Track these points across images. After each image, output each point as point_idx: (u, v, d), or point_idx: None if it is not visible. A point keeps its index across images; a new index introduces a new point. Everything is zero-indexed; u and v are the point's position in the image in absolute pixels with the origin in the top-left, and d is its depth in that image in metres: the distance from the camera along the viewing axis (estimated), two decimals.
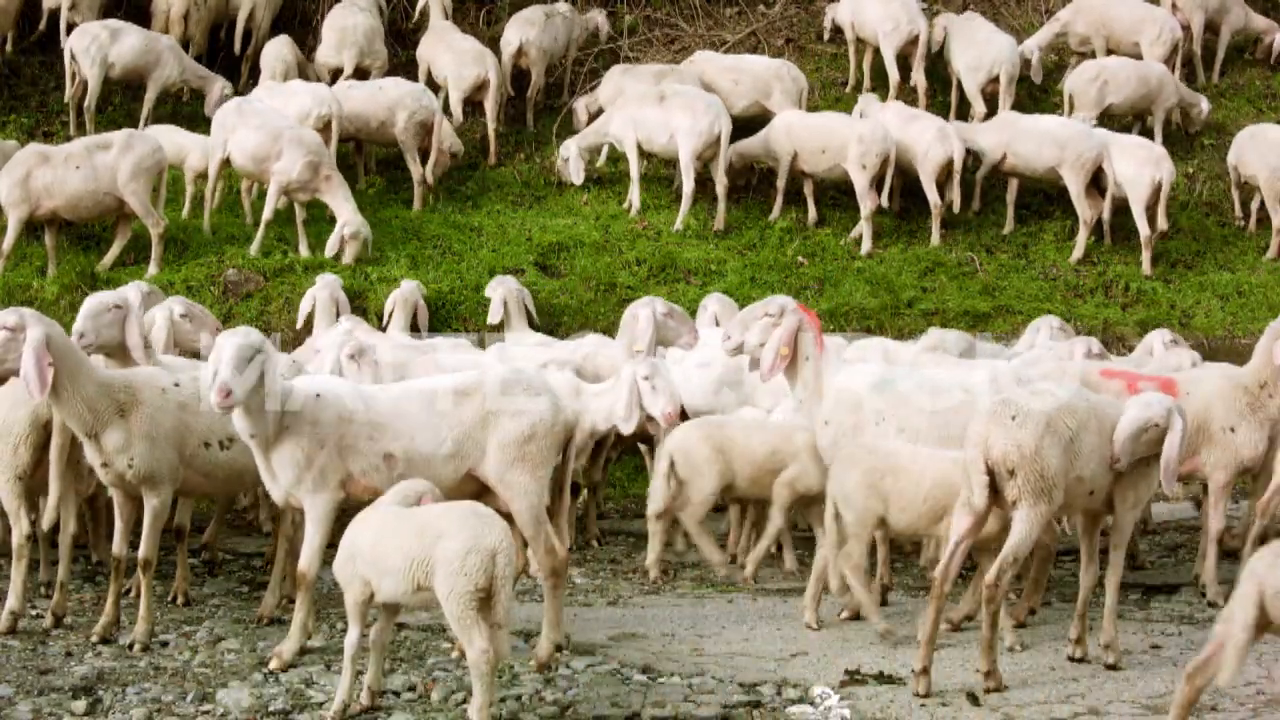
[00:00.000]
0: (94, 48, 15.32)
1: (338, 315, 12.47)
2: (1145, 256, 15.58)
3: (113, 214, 13.52)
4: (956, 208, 15.68)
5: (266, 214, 13.88)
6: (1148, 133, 17.03)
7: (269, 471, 7.24)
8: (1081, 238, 15.65)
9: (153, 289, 11.45)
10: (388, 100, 15.45)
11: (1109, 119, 16.82)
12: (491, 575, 6.08)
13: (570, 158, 15.55)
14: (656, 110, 15.26)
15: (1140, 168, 15.36)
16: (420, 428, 7.30)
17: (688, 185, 15.22)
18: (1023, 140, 15.67)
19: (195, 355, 10.11)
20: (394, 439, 7.25)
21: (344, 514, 7.15)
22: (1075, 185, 15.40)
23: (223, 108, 14.29)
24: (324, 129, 14.49)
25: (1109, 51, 17.84)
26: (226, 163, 14.07)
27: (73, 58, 15.42)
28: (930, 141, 15.36)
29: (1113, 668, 7.46)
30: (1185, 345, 11.51)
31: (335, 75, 16.65)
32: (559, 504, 7.63)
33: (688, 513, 9.31)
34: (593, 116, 16.59)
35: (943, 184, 15.54)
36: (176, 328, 10.37)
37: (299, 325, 12.66)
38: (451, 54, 16.83)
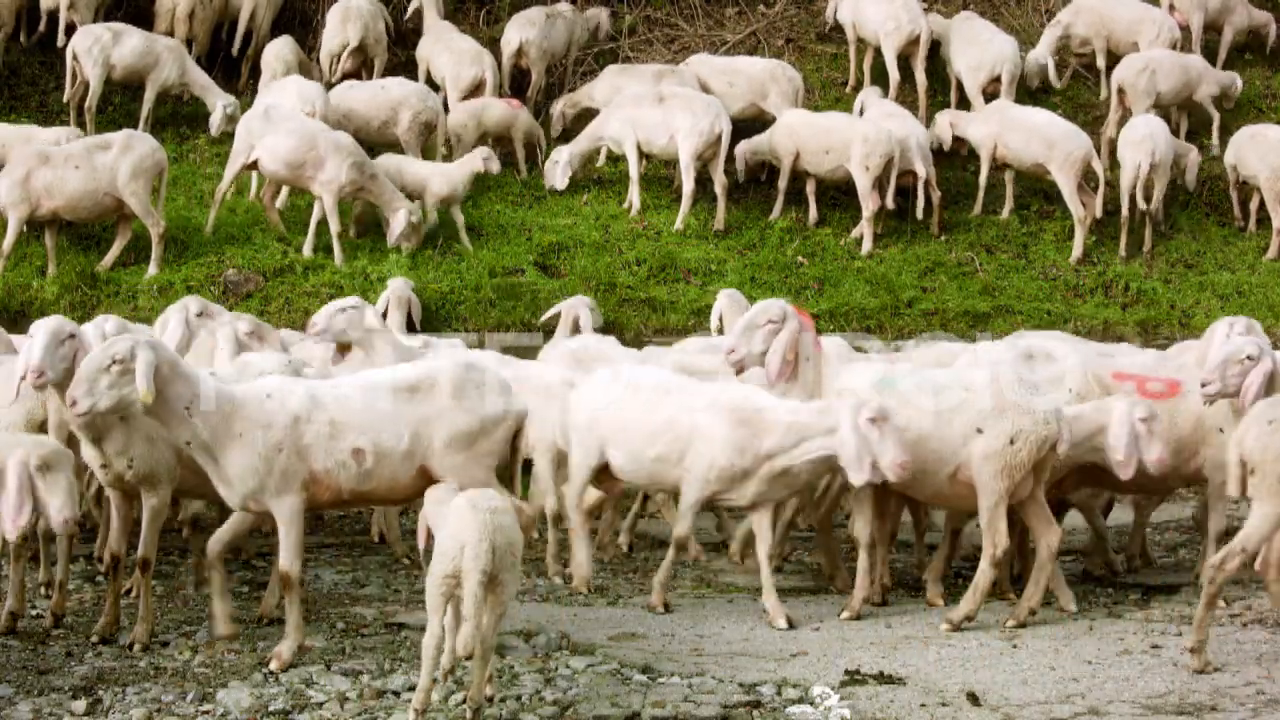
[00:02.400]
0: (97, 49, 15.35)
1: (409, 316, 12.76)
2: (1122, 235, 15.79)
3: (112, 214, 13.53)
4: (919, 212, 15.76)
5: (335, 228, 13.88)
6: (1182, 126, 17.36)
7: (219, 477, 7.20)
8: (1079, 237, 15.67)
9: (204, 305, 10.67)
10: (390, 100, 15.52)
11: (1155, 109, 16.86)
12: (458, 566, 6.22)
13: (560, 162, 15.53)
14: (656, 111, 15.28)
15: (1123, 148, 15.72)
16: (384, 422, 7.28)
17: (688, 185, 15.23)
18: (1012, 131, 15.80)
19: None
20: (360, 434, 7.22)
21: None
22: (1066, 185, 15.48)
23: (248, 114, 14.24)
24: None
25: (1108, 52, 17.89)
26: (251, 167, 14.04)
27: (75, 58, 15.44)
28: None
29: None
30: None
31: (339, 66, 16.80)
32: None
33: None
34: (571, 119, 16.69)
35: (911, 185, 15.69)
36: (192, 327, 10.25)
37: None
38: (450, 54, 16.87)
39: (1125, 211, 15.73)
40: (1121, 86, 17.02)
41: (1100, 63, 17.81)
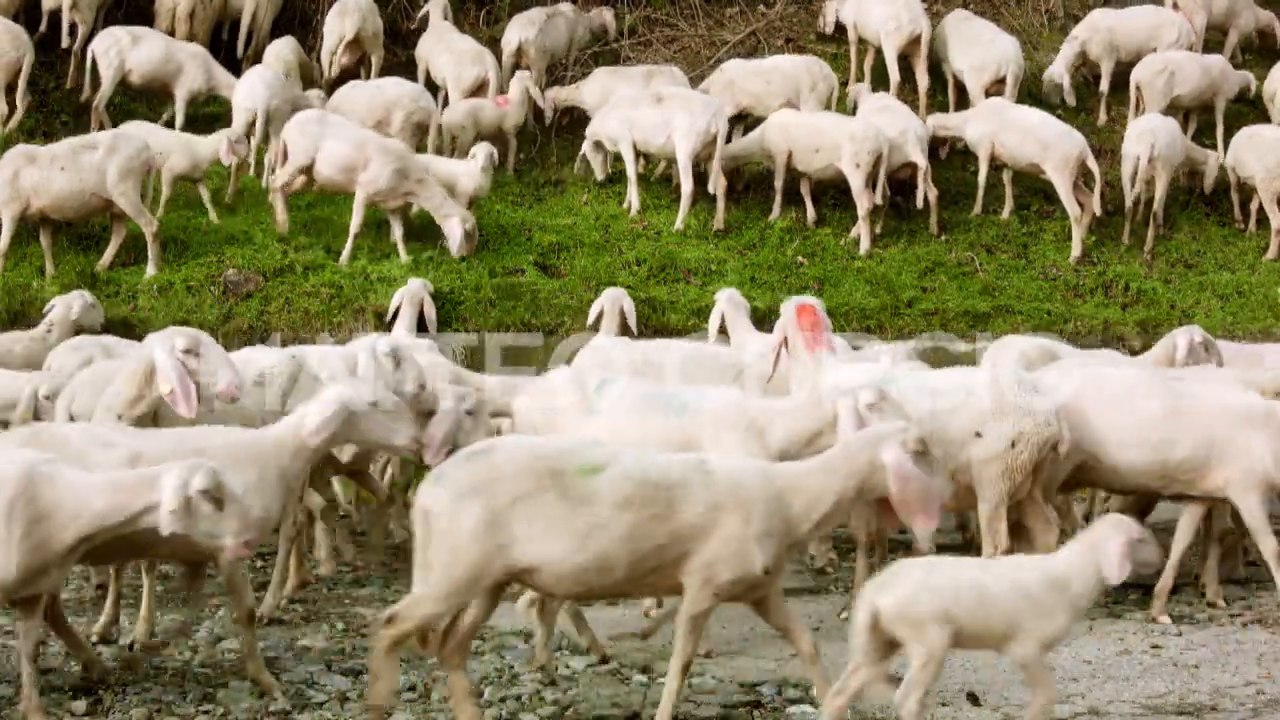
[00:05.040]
0: (114, 51, 15.44)
1: (421, 316, 12.69)
2: (1125, 226, 16.06)
3: (100, 214, 13.53)
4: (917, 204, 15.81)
5: (354, 227, 13.89)
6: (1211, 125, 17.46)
7: None
8: (1076, 236, 15.70)
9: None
10: (385, 100, 15.56)
11: (1172, 110, 16.96)
12: None
13: (589, 157, 15.64)
14: (654, 111, 15.28)
15: (1126, 142, 16.01)
16: None
17: (686, 185, 15.22)
18: (1008, 131, 15.86)
19: None
20: None
21: None
22: (1061, 184, 15.53)
23: (303, 118, 14.17)
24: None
25: (1122, 61, 18.02)
26: (306, 172, 13.97)
27: (94, 60, 15.56)
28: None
29: None
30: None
31: (338, 61, 16.86)
32: None
33: None
34: (559, 112, 16.76)
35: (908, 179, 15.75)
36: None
37: (388, 319, 12.74)
38: (450, 54, 16.91)
39: (1129, 204, 15.93)
40: (1139, 85, 17.12)
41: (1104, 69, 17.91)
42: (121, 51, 15.46)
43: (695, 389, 8.51)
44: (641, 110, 15.35)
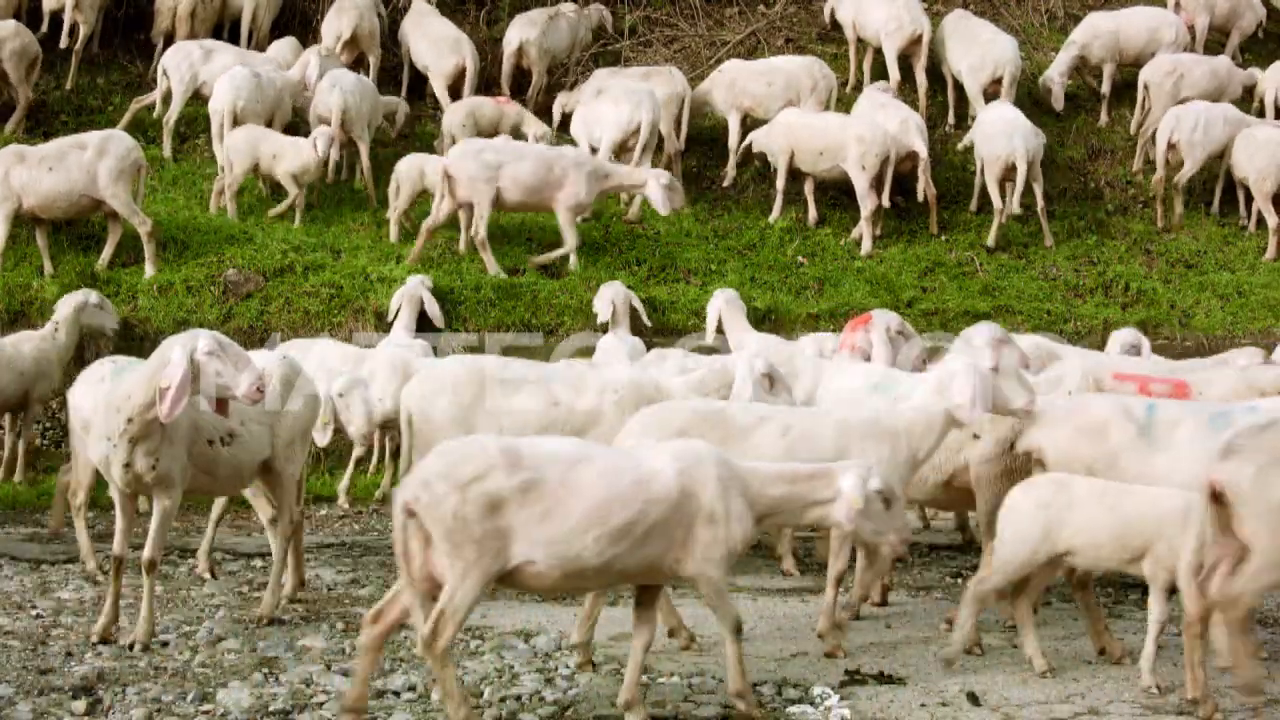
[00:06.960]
0: (185, 65, 15.51)
1: (420, 314, 12.79)
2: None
3: (91, 213, 13.53)
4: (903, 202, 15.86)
5: (570, 244, 14.06)
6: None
7: None
8: (994, 224, 15.80)
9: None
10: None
11: None
12: None
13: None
14: (594, 105, 15.59)
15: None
16: None
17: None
18: (977, 128, 16.05)
19: None
20: None
21: None
22: (989, 178, 15.64)
23: (474, 148, 14.16)
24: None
25: (1122, 64, 18.06)
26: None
27: (164, 74, 15.64)
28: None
29: None
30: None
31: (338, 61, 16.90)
32: None
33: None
34: (567, 115, 16.81)
35: (907, 174, 15.79)
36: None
37: (390, 318, 12.88)
38: (427, 41, 16.99)
39: (1156, 179, 16.45)
40: (1147, 86, 17.22)
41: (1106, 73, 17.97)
42: (194, 65, 15.51)
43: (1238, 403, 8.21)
44: (588, 105, 15.59)
